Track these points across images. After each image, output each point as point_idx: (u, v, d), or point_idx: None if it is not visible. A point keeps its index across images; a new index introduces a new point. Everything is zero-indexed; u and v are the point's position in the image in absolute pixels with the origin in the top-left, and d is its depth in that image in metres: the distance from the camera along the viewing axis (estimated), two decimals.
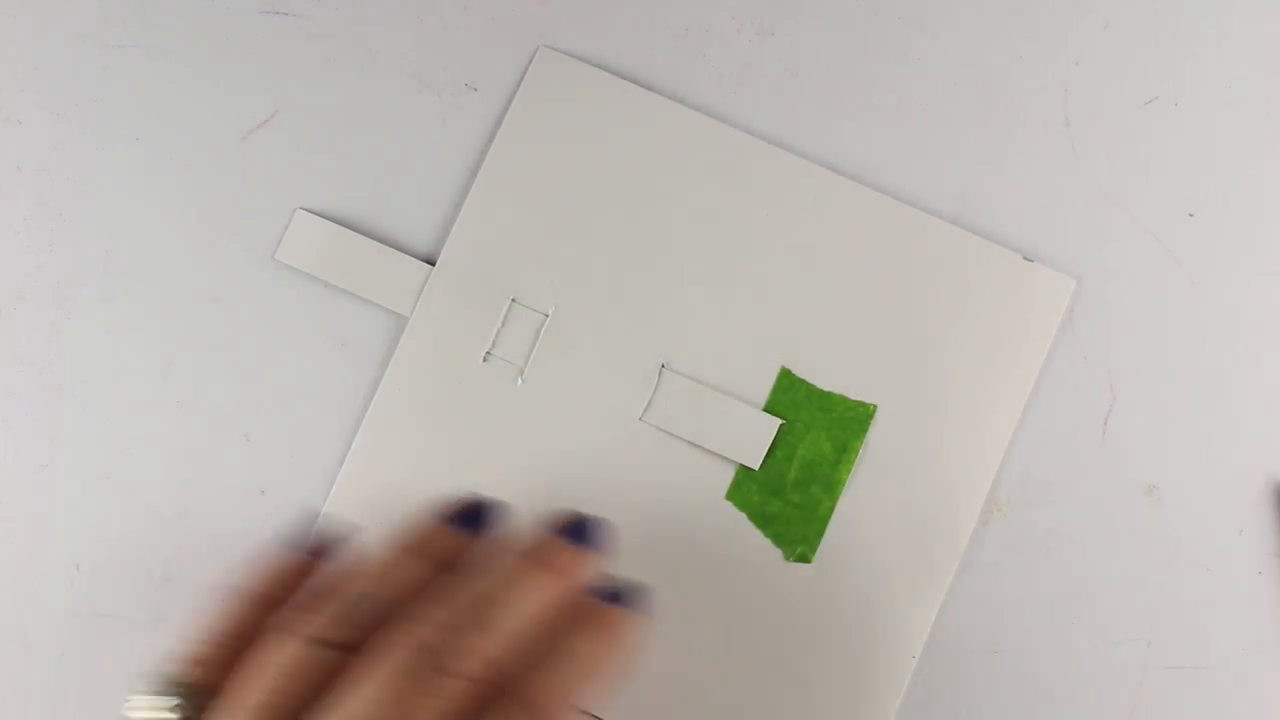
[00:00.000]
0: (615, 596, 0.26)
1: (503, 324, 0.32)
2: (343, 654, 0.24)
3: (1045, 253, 0.33)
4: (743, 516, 0.32)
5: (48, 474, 0.32)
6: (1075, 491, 0.32)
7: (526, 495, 0.32)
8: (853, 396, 0.32)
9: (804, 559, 0.32)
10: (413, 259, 0.33)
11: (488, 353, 0.32)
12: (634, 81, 0.33)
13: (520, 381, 0.32)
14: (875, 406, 0.32)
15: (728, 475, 0.32)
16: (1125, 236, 0.33)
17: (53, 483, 0.32)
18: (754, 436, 0.32)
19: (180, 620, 0.32)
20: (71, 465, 0.32)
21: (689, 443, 0.32)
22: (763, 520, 0.32)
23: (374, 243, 0.33)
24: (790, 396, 0.32)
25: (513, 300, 0.32)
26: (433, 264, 0.32)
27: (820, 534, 0.32)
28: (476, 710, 0.23)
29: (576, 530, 0.28)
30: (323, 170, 0.33)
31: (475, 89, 0.34)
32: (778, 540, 0.32)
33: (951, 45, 0.34)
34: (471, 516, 0.28)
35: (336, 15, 0.34)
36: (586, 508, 0.31)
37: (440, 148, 0.33)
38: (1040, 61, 0.34)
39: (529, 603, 0.25)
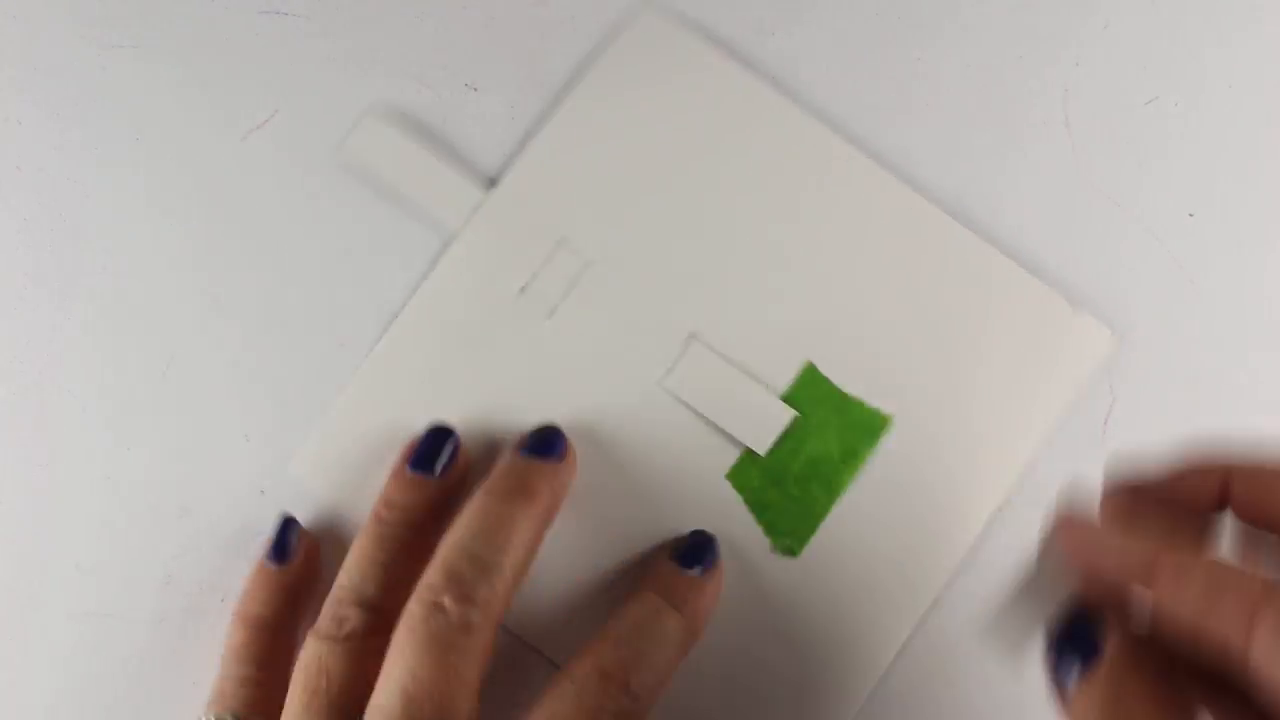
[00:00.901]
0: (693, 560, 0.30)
1: (546, 261, 0.32)
2: (368, 639, 0.27)
3: (1045, 254, 0.33)
4: (738, 498, 0.32)
5: (48, 474, 0.32)
6: None
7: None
8: (871, 404, 0.32)
9: (790, 552, 0.32)
10: (472, 179, 0.33)
11: (524, 286, 0.32)
12: (733, 56, 0.34)
13: (550, 320, 0.32)
14: (891, 418, 0.32)
15: (733, 455, 0.32)
16: (1125, 236, 0.33)
17: (53, 483, 0.32)
18: (767, 423, 0.32)
19: (180, 621, 0.32)
20: (71, 465, 0.32)
21: (701, 416, 0.32)
22: (758, 506, 0.32)
23: (436, 154, 0.33)
24: (810, 392, 0.32)
25: (560, 240, 0.32)
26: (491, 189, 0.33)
27: (811, 531, 0.32)
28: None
29: (540, 446, 0.30)
30: (322, 170, 0.33)
31: (475, 89, 0.34)
32: (768, 529, 0.32)
33: (951, 45, 0.34)
34: (427, 458, 0.30)
35: (336, 15, 0.34)
36: (589, 459, 0.32)
37: (440, 147, 0.33)
38: (1040, 61, 0.34)
39: (521, 539, 0.28)
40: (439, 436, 0.31)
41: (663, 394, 0.32)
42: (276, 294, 0.33)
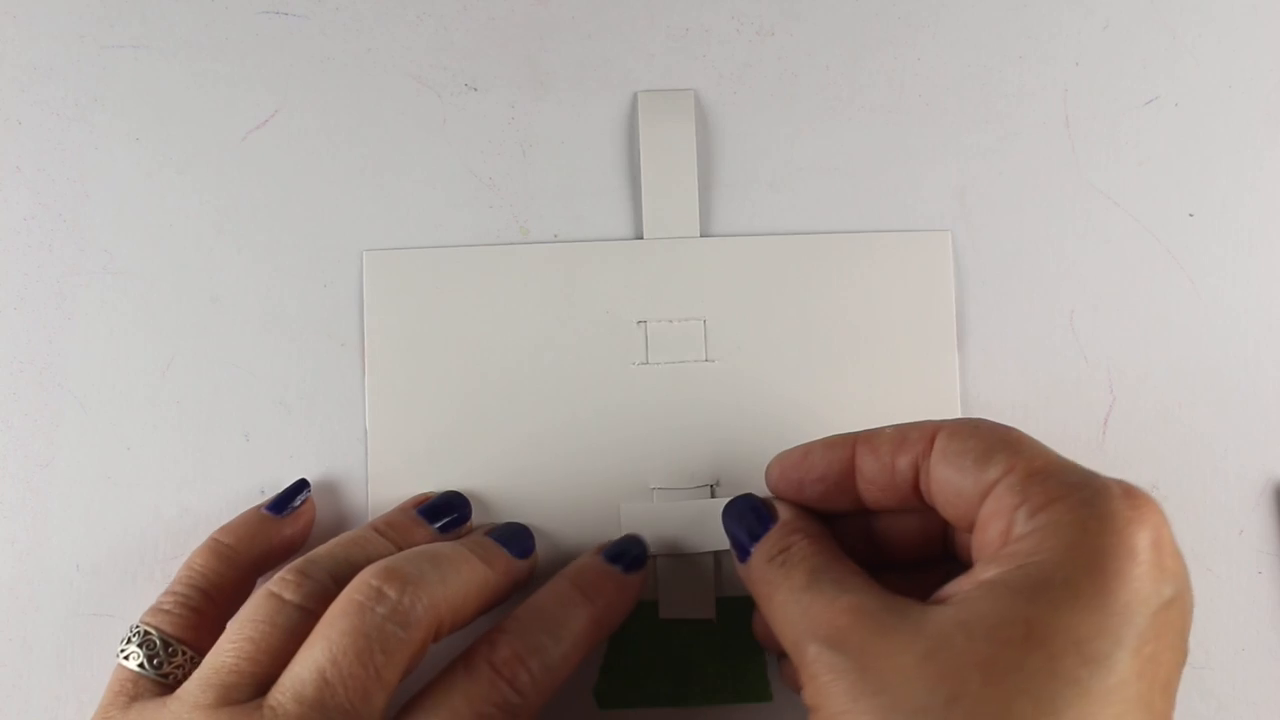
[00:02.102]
0: (622, 559, 0.30)
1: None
2: (309, 614, 0.26)
3: (1046, 255, 0.33)
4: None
5: (48, 474, 0.32)
6: None
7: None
8: (770, 674, 0.32)
9: (600, 700, 0.31)
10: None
11: None
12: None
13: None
14: (771, 699, 0.31)
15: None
16: (1125, 236, 0.33)
17: (53, 483, 0.32)
18: (682, 600, 0.32)
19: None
20: (71, 465, 0.32)
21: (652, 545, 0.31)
22: (616, 647, 0.32)
23: None
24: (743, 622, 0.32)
25: None
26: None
27: (632, 706, 0.31)
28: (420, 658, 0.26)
29: (512, 538, 0.30)
30: (323, 170, 0.33)
31: (475, 89, 0.34)
32: (604, 669, 0.31)
33: (951, 45, 0.34)
34: (438, 511, 0.31)
35: (336, 15, 0.34)
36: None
37: (440, 148, 0.33)
38: (1040, 61, 0.34)
39: (469, 576, 0.27)
40: (453, 500, 0.31)
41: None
42: (277, 294, 0.33)
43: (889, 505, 0.26)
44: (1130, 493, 0.22)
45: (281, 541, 0.30)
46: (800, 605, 0.24)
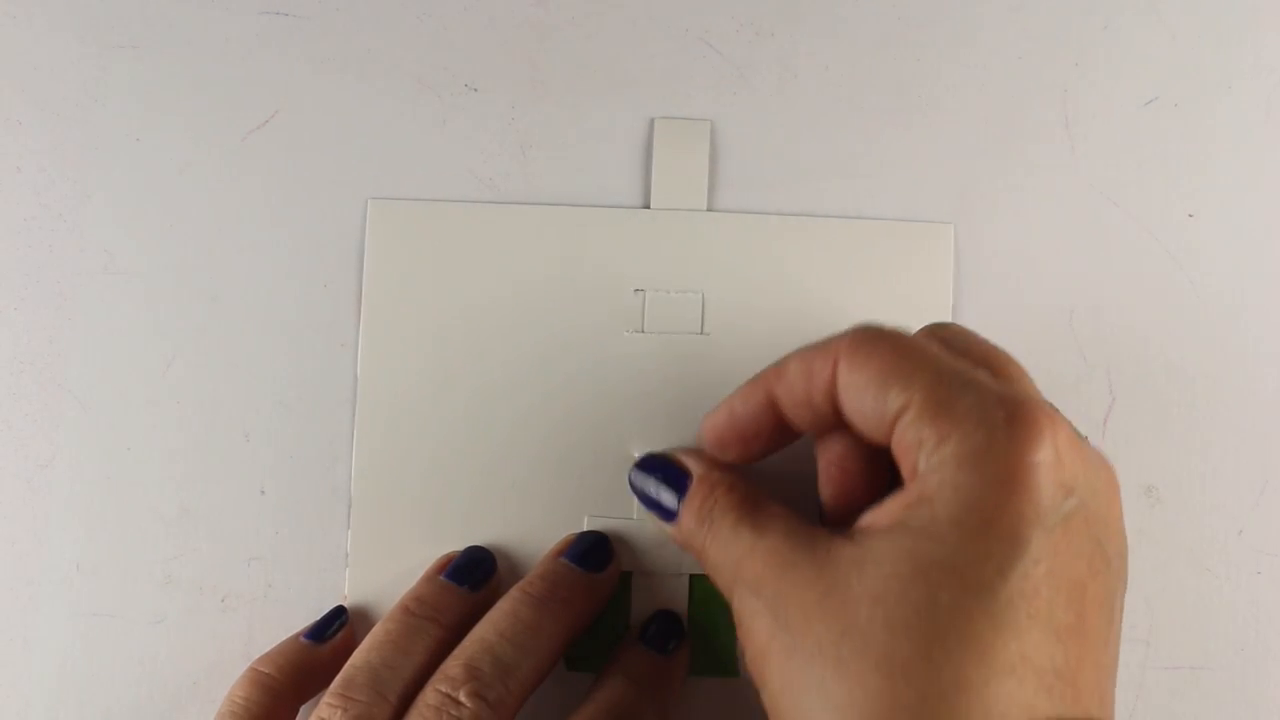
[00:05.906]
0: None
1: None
2: None
3: (1046, 255, 0.33)
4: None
5: (48, 474, 0.32)
6: None
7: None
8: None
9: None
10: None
11: None
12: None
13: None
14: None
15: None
16: (1125, 236, 0.33)
17: (53, 483, 0.32)
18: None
19: (180, 621, 0.32)
20: (71, 465, 0.32)
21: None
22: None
23: None
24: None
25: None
26: None
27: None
28: None
29: (583, 556, 0.30)
30: (323, 170, 0.33)
31: (475, 89, 0.34)
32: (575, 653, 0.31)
33: (951, 45, 0.34)
34: (463, 572, 0.30)
35: (336, 15, 0.34)
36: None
37: (440, 147, 0.33)
38: (1040, 61, 0.34)
39: (546, 646, 0.28)
40: (476, 555, 0.31)
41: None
42: (277, 294, 0.33)
43: (831, 428, 0.26)
44: (1016, 416, 0.22)
45: (321, 668, 0.30)
46: (727, 554, 0.25)
